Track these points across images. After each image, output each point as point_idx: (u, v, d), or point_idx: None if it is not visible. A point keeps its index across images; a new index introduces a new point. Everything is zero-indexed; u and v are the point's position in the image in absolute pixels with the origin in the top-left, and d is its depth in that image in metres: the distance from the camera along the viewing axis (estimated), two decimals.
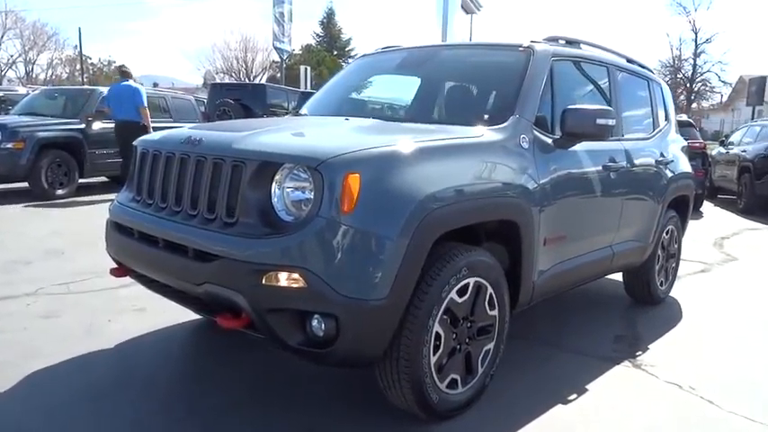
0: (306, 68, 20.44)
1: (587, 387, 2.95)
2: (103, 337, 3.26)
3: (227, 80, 42.53)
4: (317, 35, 52.44)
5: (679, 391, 2.98)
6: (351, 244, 2.06)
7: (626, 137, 3.78)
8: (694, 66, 47.72)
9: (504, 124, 2.76)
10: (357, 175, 2.07)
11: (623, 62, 4.05)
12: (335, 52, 51.27)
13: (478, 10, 13.22)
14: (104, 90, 9.07)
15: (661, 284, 4.45)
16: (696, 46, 47.12)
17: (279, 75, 45.04)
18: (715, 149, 12.42)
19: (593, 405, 2.77)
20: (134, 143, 2.89)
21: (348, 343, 2.09)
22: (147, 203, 2.61)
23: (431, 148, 2.37)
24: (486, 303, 2.56)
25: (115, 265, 2.84)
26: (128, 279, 2.84)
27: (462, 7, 11.58)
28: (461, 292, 2.41)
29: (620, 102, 3.76)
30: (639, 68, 4.26)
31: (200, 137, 2.44)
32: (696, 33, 46.76)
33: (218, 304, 2.23)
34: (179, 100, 11.15)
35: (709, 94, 49.88)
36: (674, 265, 4.68)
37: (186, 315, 3.45)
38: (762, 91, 20.70)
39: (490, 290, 2.56)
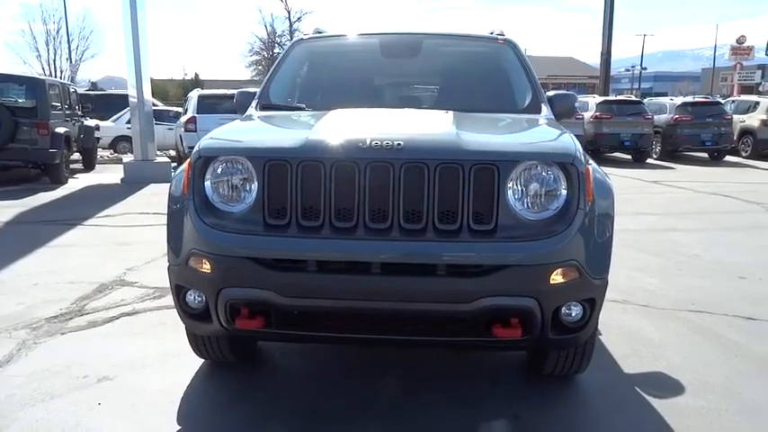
0: None
1: None
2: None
3: None
4: None
5: (622, 305, 4.01)
6: (597, 230, 2.28)
7: None
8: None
9: (545, 111, 3.16)
10: (590, 167, 2.27)
11: None
12: None
13: None
14: None
15: None
16: (291, 24, 51.98)
17: None
18: None
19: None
20: (229, 153, 2.24)
21: (594, 322, 2.31)
22: (303, 227, 2.13)
23: None
24: None
25: (243, 314, 2.21)
26: None
27: None
28: None
29: None
30: None
31: (397, 140, 2.12)
32: (289, 12, 51.51)
33: (492, 318, 2.13)
34: None
35: None
36: None
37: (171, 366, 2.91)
38: None
39: None
